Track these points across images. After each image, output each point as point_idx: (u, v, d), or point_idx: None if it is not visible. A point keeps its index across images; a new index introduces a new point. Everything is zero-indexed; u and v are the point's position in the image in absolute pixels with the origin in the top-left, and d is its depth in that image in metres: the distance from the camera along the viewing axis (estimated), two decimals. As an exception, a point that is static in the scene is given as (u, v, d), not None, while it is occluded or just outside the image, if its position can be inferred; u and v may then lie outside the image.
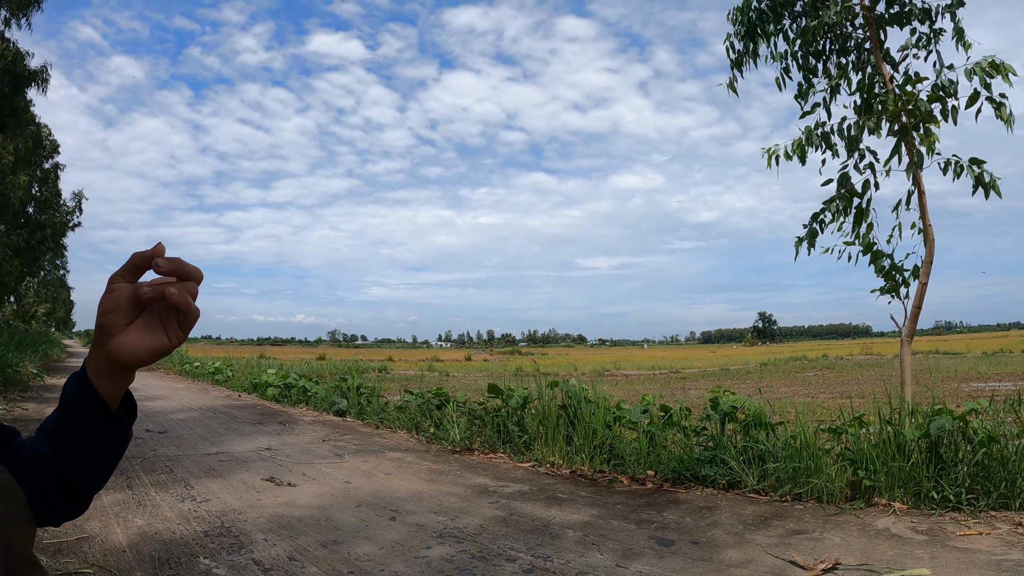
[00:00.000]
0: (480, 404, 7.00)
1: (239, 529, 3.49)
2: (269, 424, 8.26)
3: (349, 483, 4.67)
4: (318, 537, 3.34)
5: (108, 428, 1.15)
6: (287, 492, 4.39)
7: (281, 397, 11.34)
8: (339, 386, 10.23)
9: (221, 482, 4.70)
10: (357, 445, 6.59)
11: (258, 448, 6.27)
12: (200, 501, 4.13)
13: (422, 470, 5.26)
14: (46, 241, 36.62)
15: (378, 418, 8.27)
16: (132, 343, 1.09)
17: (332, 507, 3.97)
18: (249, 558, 3.03)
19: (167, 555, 3.09)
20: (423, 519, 3.71)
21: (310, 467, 5.30)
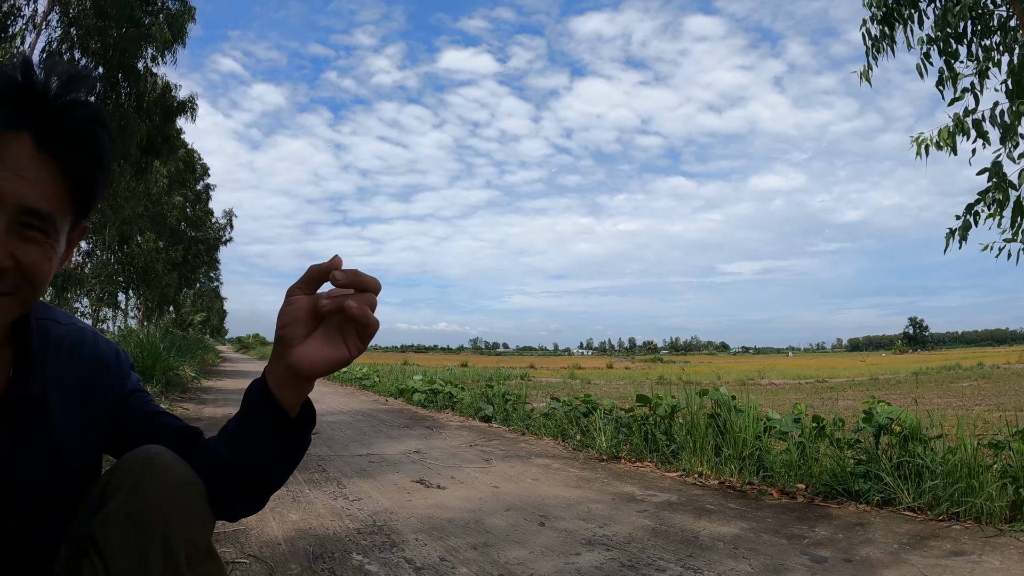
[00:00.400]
0: (627, 412, 6.92)
1: (391, 528, 3.55)
2: (416, 428, 8.42)
3: (497, 488, 4.68)
4: (468, 539, 3.35)
5: (288, 435, 1.17)
6: (436, 494, 4.44)
7: (427, 402, 11.55)
8: (485, 392, 10.33)
9: (372, 482, 4.81)
10: (504, 450, 6.61)
11: (407, 451, 6.38)
12: (352, 499, 4.23)
13: (569, 477, 5.21)
14: (201, 256, 39.20)
15: (523, 424, 8.28)
16: (312, 354, 1.11)
17: (481, 510, 3.98)
18: (401, 556, 3.07)
19: (320, 549, 3.17)
20: (571, 525, 3.66)
21: (458, 471, 5.34)
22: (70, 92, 1.11)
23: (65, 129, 1.09)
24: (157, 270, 27.86)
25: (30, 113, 1.07)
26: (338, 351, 1.11)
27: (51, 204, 1.09)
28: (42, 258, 1.11)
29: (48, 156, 1.08)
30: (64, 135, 1.09)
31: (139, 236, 26.06)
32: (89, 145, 1.13)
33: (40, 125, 1.07)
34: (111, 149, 1.17)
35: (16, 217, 1.06)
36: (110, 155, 1.17)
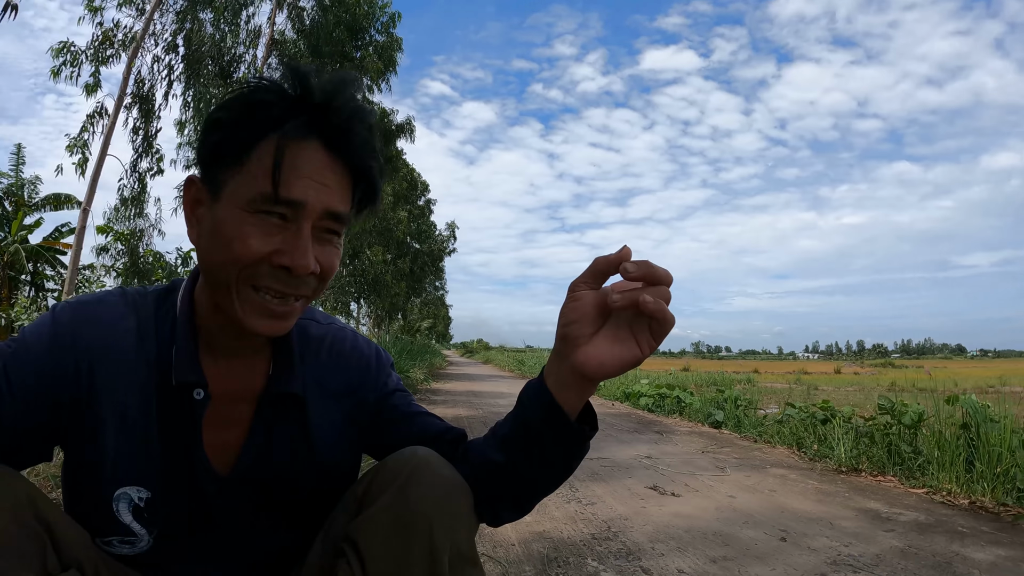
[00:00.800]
0: (868, 420, 6.55)
1: (626, 536, 3.55)
2: (646, 433, 8.35)
3: (733, 498, 4.57)
4: (707, 551, 3.29)
5: (566, 440, 1.13)
6: (671, 502, 4.40)
7: (654, 407, 11.43)
8: (715, 397, 10.11)
9: (605, 487, 4.83)
10: (737, 459, 6.44)
11: (638, 456, 6.35)
12: (586, 504, 4.27)
13: (808, 489, 5.00)
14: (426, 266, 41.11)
15: (756, 431, 8.01)
16: (600, 354, 1.05)
17: (719, 521, 3.90)
18: (637, 565, 3.06)
19: (555, 553, 3.22)
20: (814, 543, 3.51)
21: (692, 478, 5.26)
22: (345, 96, 1.12)
23: (349, 132, 1.12)
24: (386, 280, 29.49)
25: (318, 121, 1.09)
26: (630, 350, 1.03)
27: (345, 206, 1.13)
28: (336, 258, 1.16)
29: (337, 160, 1.11)
30: (349, 138, 1.12)
31: (368, 250, 27.75)
32: (370, 145, 1.15)
33: (327, 131, 1.10)
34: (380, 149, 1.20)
35: (318, 222, 1.10)
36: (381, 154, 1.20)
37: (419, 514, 1.07)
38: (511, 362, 35.34)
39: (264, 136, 1.07)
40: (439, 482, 1.11)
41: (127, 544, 1.21)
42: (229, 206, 1.08)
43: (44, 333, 1.14)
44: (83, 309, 1.18)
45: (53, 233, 25.42)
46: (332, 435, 1.32)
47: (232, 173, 1.08)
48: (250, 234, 1.07)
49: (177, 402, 1.18)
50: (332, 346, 1.37)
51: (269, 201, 1.06)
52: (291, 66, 1.12)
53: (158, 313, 1.23)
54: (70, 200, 24.80)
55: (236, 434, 1.24)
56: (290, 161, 1.07)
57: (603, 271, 1.03)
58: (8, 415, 1.07)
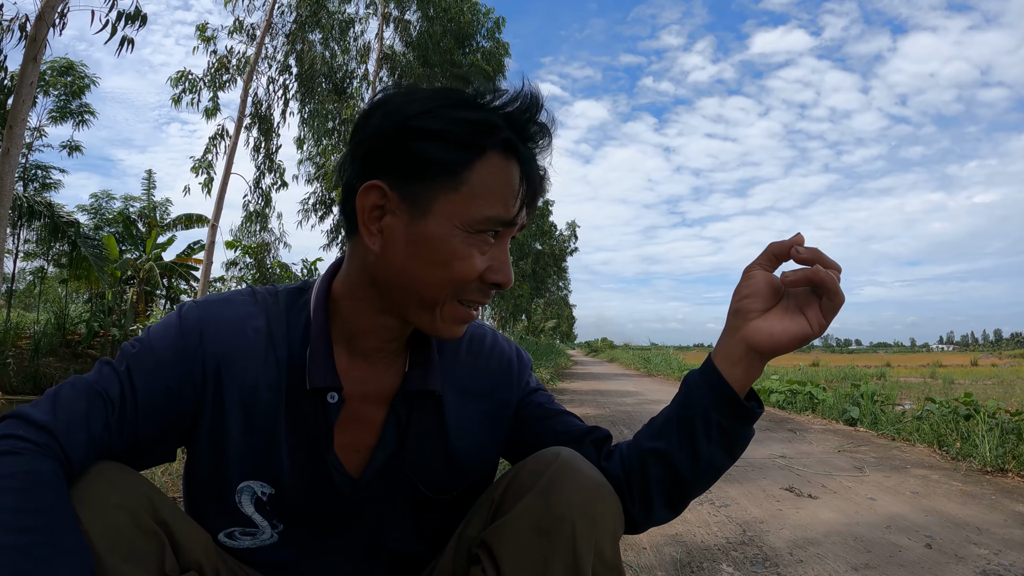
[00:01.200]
0: (1015, 416, 6.17)
1: (762, 540, 3.43)
2: (778, 431, 8.10)
3: (874, 500, 4.36)
4: (847, 558, 3.13)
5: (732, 420, 1.11)
6: (808, 504, 4.23)
7: (785, 403, 11.09)
8: (850, 393, 9.72)
9: (739, 488, 4.70)
10: (875, 458, 6.16)
11: (771, 455, 6.17)
12: (719, 506, 4.17)
13: (951, 491, 4.73)
14: (548, 267, 41.16)
15: (894, 429, 7.63)
16: (771, 327, 1.08)
17: (858, 525, 3.72)
18: (775, 573, 2.94)
19: (688, 558, 3.13)
20: (961, 550, 3.30)
21: (829, 479, 5.06)
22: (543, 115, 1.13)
23: (541, 151, 1.15)
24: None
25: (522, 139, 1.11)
26: (800, 325, 1.07)
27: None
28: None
29: (524, 173, 1.11)
30: (539, 156, 1.15)
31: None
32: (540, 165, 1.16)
33: (525, 150, 1.11)
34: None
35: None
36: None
37: (561, 519, 1.04)
38: (636, 360, 35.01)
39: (482, 155, 1.07)
40: (583, 484, 1.07)
41: (248, 536, 1.22)
42: (444, 224, 1.07)
43: (170, 333, 1.14)
44: (210, 308, 1.19)
45: (186, 250, 26.68)
46: (468, 435, 1.29)
47: (446, 190, 1.07)
48: (472, 255, 1.08)
49: (309, 404, 1.19)
50: (471, 345, 1.36)
51: (497, 224, 1.09)
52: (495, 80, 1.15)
53: (289, 313, 1.23)
54: (201, 219, 25.98)
55: (368, 434, 1.23)
56: (510, 182, 1.09)
57: (777, 255, 1.09)
58: (131, 416, 1.08)
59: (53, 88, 24.24)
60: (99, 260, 22.53)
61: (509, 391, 1.35)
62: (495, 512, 1.15)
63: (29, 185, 26.04)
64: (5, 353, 18.79)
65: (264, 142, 17.27)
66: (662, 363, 27.20)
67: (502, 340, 1.41)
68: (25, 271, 31.14)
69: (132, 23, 5.31)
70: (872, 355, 73.78)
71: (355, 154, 1.13)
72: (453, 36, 18.99)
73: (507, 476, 1.17)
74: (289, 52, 16.52)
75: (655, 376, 23.47)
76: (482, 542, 1.12)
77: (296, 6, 16.08)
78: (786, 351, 1.08)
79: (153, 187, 33.11)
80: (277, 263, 18.04)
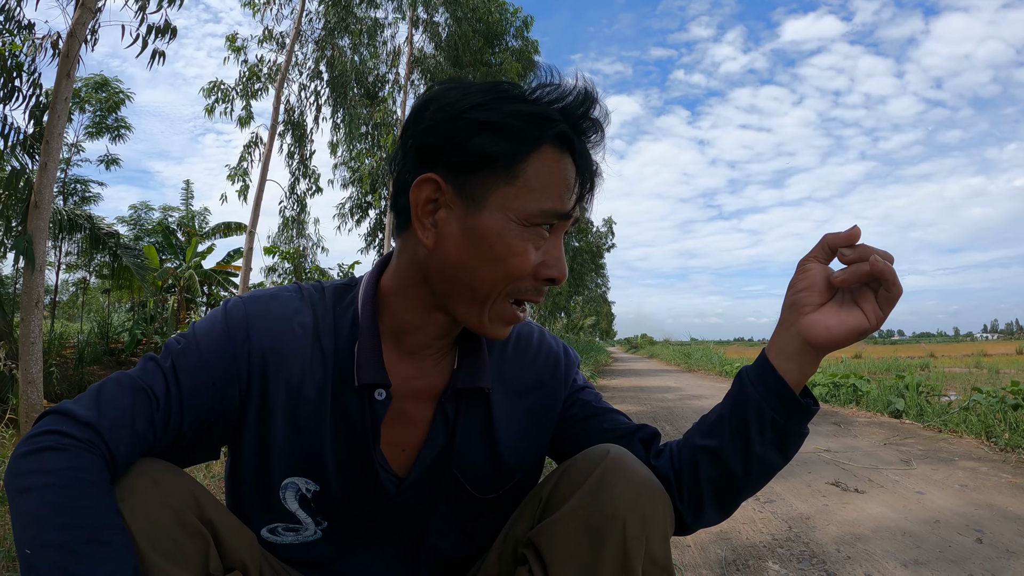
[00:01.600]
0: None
1: (808, 537, 3.38)
2: (823, 424, 8.00)
3: (922, 494, 4.28)
4: (896, 554, 3.07)
5: (787, 417, 1.09)
6: (855, 499, 4.16)
7: (828, 396, 10.92)
8: (895, 384, 9.56)
9: (784, 483, 4.63)
10: (922, 450, 6.05)
11: (816, 449, 6.07)
12: (764, 502, 4.12)
13: (1001, 484, 4.62)
14: (586, 263, 40.98)
15: (940, 420, 7.49)
16: (827, 321, 1.05)
17: (907, 520, 3.65)
18: (822, 570, 2.90)
19: (734, 556, 3.10)
20: (1013, 544, 3.22)
21: (876, 473, 4.98)
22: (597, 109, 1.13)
23: (594, 145, 1.14)
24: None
25: (576, 132, 1.11)
26: (856, 318, 1.04)
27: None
28: None
29: (576, 167, 1.10)
30: (593, 150, 1.14)
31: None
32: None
33: (580, 143, 1.11)
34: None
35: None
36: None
37: (611, 517, 1.03)
38: (676, 356, 34.76)
39: (537, 147, 1.06)
40: (633, 482, 1.06)
41: (292, 532, 1.22)
42: (500, 218, 1.06)
43: (215, 329, 1.14)
44: (256, 304, 1.18)
45: (225, 258, 26.95)
46: (515, 433, 1.28)
47: (501, 183, 1.06)
48: (527, 249, 1.07)
49: (356, 401, 1.17)
50: (518, 343, 1.34)
51: (553, 217, 1.08)
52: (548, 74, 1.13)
53: (336, 309, 1.22)
54: (239, 227, 26.25)
55: (415, 433, 1.22)
56: (565, 176, 1.08)
57: (833, 246, 1.06)
58: (175, 412, 1.07)
59: (88, 104, 24.70)
60: (140, 270, 22.85)
61: (556, 389, 1.33)
62: (543, 511, 1.13)
63: (69, 199, 26.54)
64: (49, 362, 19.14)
65: (298, 148, 17.45)
66: (702, 358, 26.99)
67: (549, 338, 1.40)
68: (68, 282, 31.78)
69: (162, 36, 5.38)
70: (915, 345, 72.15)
71: (407, 148, 1.12)
72: (482, 36, 19.06)
73: (555, 474, 1.15)
74: (319, 58, 16.65)
75: (696, 371, 23.32)
76: (529, 542, 1.11)
77: (324, 13, 16.20)
78: (843, 345, 1.06)
79: (191, 197, 33.55)
80: (315, 267, 18.20)
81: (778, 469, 1.15)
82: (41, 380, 4.41)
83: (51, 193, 4.40)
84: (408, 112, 1.17)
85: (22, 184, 5.48)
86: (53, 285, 26.57)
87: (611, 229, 49.00)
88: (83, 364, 20.90)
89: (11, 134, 5.22)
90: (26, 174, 5.52)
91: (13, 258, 5.90)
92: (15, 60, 4.90)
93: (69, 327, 27.59)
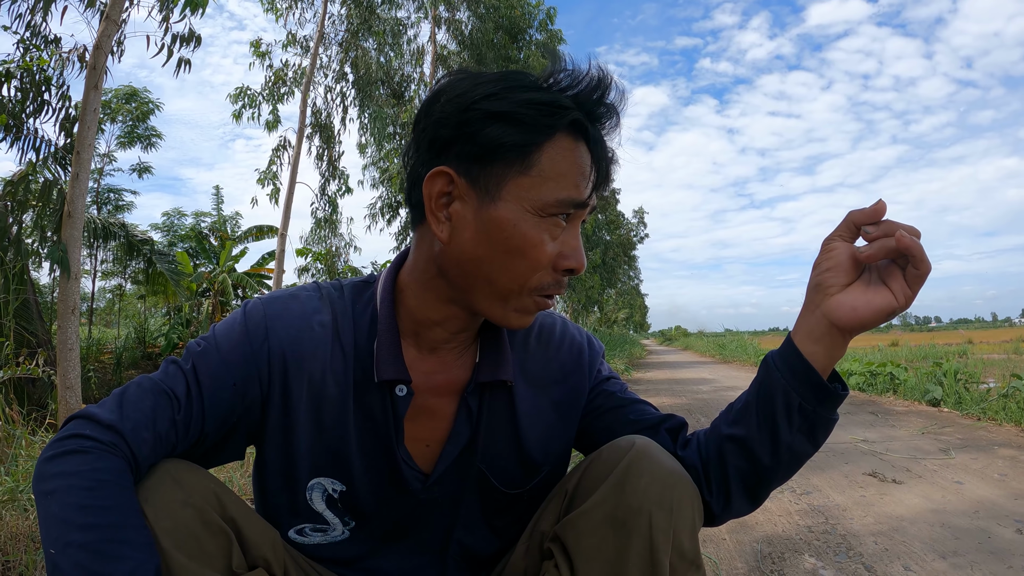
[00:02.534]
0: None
1: (845, 528, 3.34)
2: (859, 414, 7.88)
3: (960, 484, 4.20)
4: (934, 546, 3.02)
5: (815, 403, 1.06)
6: (893, 490, 4.10)
7: (865, 385, 10.78)
8: (932, 372, 9.41)
9: (821, 474, 4.58)
10: (960, 439, 5.95)
11: (853, 439, 5.99)
12: (800, 494, 4.07)
13: (1042, 472, 4.55)
14: (618, 256, 40.90)
15: (979, 408, 7.35)
16: (854, 301, 1.02)
17: (945, 511, 3.59)
18: (859, 563, 2.85)
19: (769, 548, 3.07)
20: (1056, 534, 3.15)
21: (914, 463, 4.90)
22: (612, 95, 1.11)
23: (609, 133, 1.12)
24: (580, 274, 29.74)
25: (591, 120, 1.09)
26: (884, 298, 1.01)
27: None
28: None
29: (592, 155, 1.09)
30: (608, 138, 1.12)
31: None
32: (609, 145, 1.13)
33: (594, 131, 1.09)
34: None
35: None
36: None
37: (637, 510, 1.02)
38: (711, 347, 34.52)
39: (551, 136, 1.05)
40: (659, 474, 1.05)
41: (319, 532, 1.22)
42: (516, 208, 1.05)
43: (235, 330, 1.15)
44: (274, 304, 1.18)
45: (259, 260, 27.18)
46: (540, 425, 1.27)
47: (515, 173, 1.05)
48: (544, 240, 1.06)
49: (377, 398, 1.17)
50: (540, 334, 1.33)
51: (569, 206, 1.06)
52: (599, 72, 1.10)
53: (355, 306, 1.22)
54: (271, 230, 26.46)
55: (439, 428, 1.22)
56: (580, 164, 1.07)
57: (858, 223, 1.03)
58: (197, 413, 1.08)
59: (119, 115, 25.12)
60: (174, 275, 23.15)
61: (580, 380, 1.31)
62: (568, 504, 1.13)
63: (103, 208, 27.03)
64: (87, 368, 19.46)
65: (326, 150, 17.50)
66: (738, 348, 26.76)
67: (572, 328, 1.38)
68: (104, 290, 32.30)
69: (187, 44, 5.43)
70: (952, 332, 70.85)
71: (419, 141, 1.11)
72: (506, 31, 19.03)
73: (580, 467, 1.15)
74: (344, 60, 16.71)
75: (731, 363, 23.15)
76: (555, 536, 1.11)
77: (347, 16, 16.27)
78: (871, 326, 1.03)
79: (222, 202, 33.97)
80: (348, 267, 18.30)
81: (807, 457, 1.13)
82: (79, 385, 4.48)
83: (83, 203, 4.47)
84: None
85: (55, 195, 5.60)
86: (89, 293, 27.08)
87: (642, 220, 48.93)
88: (121, 369, 21.29)
89: (43, 147, 5.33)
90: (58, 185, 5.65)
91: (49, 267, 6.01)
92: (43, 74, 4.99)
93: (106, 333, 28.04)
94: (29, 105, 5.09)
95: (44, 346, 8.75)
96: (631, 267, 54.86)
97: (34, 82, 4.97)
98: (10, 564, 2.58)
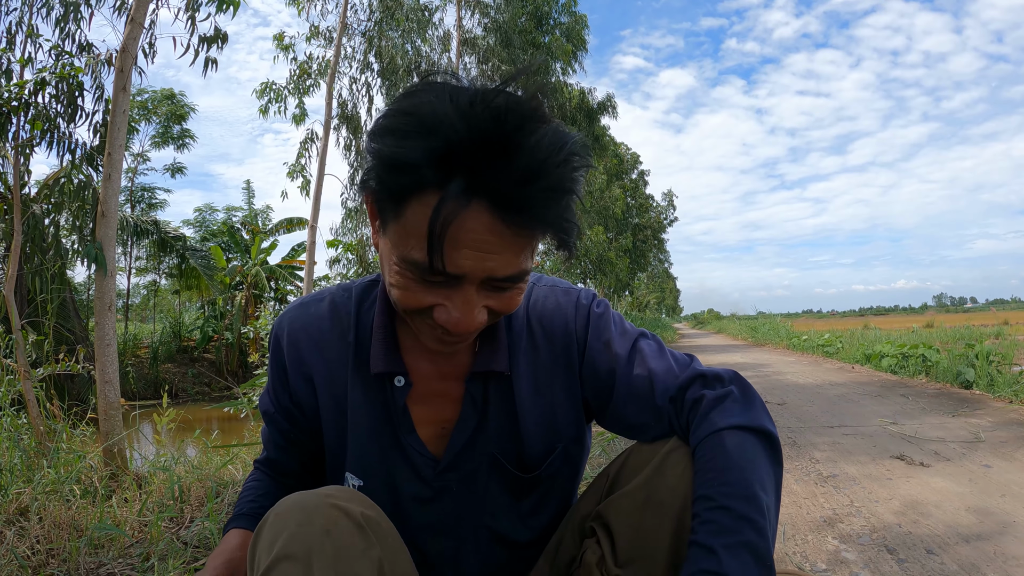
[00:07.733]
0: None
1: (869, 511, 3.36)
2: (889, 397, 7.84)
3: (988, 467, 4.19)
4: (959, 529, 3.04)
5: None
6: (920, 473, 4.10)
7: (897, 368, 10.69)
8: (964, 354, 9.32)
9: (848, 457, 4.59)
10: (991, 422, 5.90)
11: (883, 422, 5.97)
12: (826, 476, 4.09)
13: (1073, 454, 4.50)
14: (648, 240, 40.71)
15: (1011, 391, 7.28)
16: None
17: (971, 494, 3.59)
18: (882, 545, 2.88)
19: (793, 530, 3.11)
20: (1085, 518, 3.14)
21: (942, 445, 4.88)
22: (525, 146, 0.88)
23: (525, 196, 0.90)
24: (610, 258, 29.48)
25: (487, 178, 0.89)
26: None
27: (518, 267, 0.99)
28: (516, 295, 1.05)
29: (509, 224, 0.92)
30: (525, 201, 0.91)
31: (588, 230, 27.92)
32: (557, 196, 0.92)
33: (496, 194, 0.90)
34: (577, 182, 0.95)
35: (485, 284, 0.99)
36: (578, 188, 0.96)
37: (672, 490, 1.08)
38: (743, 330, 34.24)
39: (421, 189, 0.91)
40: (688, 473, 1.10)
41: None
42: (388, 250, 1.01)
43: (272, 346, 1.31)
44: (288, 313, 1.32)
45: (290, 252, 27.42)
46: (543, 408, 1.28)
47: (392, 215, 0.96)
48: (409, 287, 1.00)
49: (380, 391, 1.24)
50: (534, 309, 1.30)
51: (416, 270, 0.97)
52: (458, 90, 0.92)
53: (360, 306, 1.29)
54: (302, 222, 26.66)
55: (448, 414, 1.26)
56: (452, 234, 0.91)
57: None
58: (284, 426, 1.32)
59: (155, 115, 25.56)
60: (207, 269, 23.44)
61: (570, 352, 1.28)
62: (610, 487, 1.20)
63: (136, 206, 27.45)
64: (125, 363, 19.82)
65: (354, 140, 17.55)
66: (770, 331, 26.54)
67: (561, 295, 1.32)
68: (139, 286, 32.79)
69: (213, 44, 5.51)
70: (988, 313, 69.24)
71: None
72: (530, 15, 19.00)
73: (623, 455, 1.22)
74: (367, 50, 16.70)
75: (763, 346, 23.02)
76: (597, 514, 1.18)
77: (368, 5, 16.25)
78: None
79: (252, 196, 34.27)
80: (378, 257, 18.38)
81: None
82: (117, 380, 4.58)
83: (116, 202, 4.56)
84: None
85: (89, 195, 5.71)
86: (125, 289, 27.48)
87: (672, 203, 48.60)
88: (157, 362, 21.67)
89: (77, 149, 5.44)
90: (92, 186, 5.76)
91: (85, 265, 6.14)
92: (76, 81, 5.10)
93: (142, 328, 28.48)
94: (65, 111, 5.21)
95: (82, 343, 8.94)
96: (661, 250, 54.55)
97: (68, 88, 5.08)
98: (54, 551, 2.68)
